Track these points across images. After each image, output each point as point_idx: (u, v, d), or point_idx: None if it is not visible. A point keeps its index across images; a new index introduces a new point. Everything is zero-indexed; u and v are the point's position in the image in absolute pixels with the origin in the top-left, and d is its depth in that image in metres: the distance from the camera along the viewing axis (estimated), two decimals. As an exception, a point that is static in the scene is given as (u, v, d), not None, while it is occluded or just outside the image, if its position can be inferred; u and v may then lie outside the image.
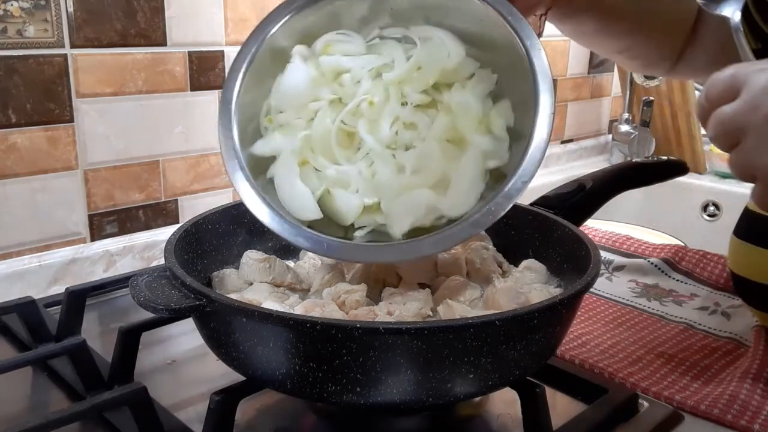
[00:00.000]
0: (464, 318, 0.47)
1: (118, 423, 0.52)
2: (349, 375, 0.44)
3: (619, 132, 1.49)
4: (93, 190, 0.82)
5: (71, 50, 0.77)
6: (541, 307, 0.46)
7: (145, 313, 0.48)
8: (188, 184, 0.91)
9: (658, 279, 0.83)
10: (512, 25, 0.52)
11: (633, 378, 0.60)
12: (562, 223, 0.61)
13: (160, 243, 0.85)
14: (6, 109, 0.74)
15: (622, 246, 0.90)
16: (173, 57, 0.86)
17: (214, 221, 0.62)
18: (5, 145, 0.75)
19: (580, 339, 0.67)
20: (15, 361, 0.57)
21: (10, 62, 0.73)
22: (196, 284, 0.47)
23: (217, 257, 0.62)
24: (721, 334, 0.70)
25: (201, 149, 0.91)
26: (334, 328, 0.42)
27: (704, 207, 1.40)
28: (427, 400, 0.45)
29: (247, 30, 0.91)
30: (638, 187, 0.79)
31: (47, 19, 0.75)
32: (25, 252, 0.78)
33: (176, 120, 0.88)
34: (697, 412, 0.56)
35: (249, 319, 0.45)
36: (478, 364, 0.45)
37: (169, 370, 0.63)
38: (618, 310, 0.75)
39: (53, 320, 0.67)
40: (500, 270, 0.63)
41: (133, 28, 0.82)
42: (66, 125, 0.79)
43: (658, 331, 0.70)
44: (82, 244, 0.82)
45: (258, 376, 0.48)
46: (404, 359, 0.43)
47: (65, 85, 0.78)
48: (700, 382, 0.61)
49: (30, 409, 0.57)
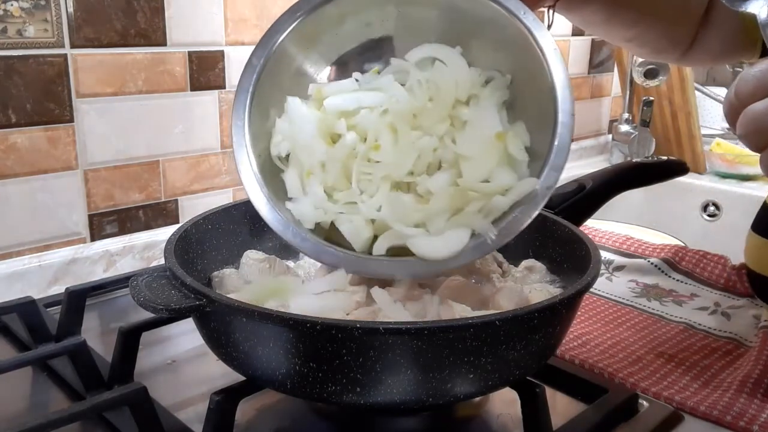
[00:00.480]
0: (464, 318, 0.47)
1: (118, 423, 0.52)
2: (349, 375, 0.44)
3: (619, 132, 1.49)
4: (93, 190, 0.82)
5: (71, 50, 0.77)
6: (541, 307, 0.46)
7: (145, 313, 0.48)
8: (188, 184, 0.91)
9: (658, 279, 0.83)
10: (524, 23, 0.51)
11: (633, 378, 0.60)
12: (562, 223, 0.61)
13: (160, 243, 0.85)
14: (6, 109, 0.74)
15: (622, 246, 0.90)
16: (173, 57, 0.86)
17: (214, 221, 0.62)
18: (5, 145, 0.75)
19: (580, 339, 0.67)
20: (15, 361, 0.57)
21: (10, 62, 0.73)
22: (196, 284, 0.47)
23: (217, 257, 0.62)
24: (721, 334, 0.70)
25: (201, 149, 0.91)
26: (334, 328, 0.42)
27: (704, 207, 1.40)
28: (427, 400, 0.45)
29: (247, 30, 0.91)
30: (638, 187, 0.79)
31: (47, 19, 0.75)
32: (25, 252, 0.78)
33: (176, 120, 0.88)
34: (697, 412, 0.56)
35: (249, 319, 0.45)
36: (478, 364, 0.45)
37: (169, 370, 0.63)
38: (618, 310, 0.75)
39: (53, 320, 0.67)
40: (500, 270, 0.63)
41: (133, 28, 0.82)
42: (66, 125, 0.79)
43: (658, 331, 0.70)
44: (82, 244, 0.82)
45: (258, 376, 0.48)
46: (404, 359, 0.43)
47: (65, 85, 0.78)
48: (700, 382, 0.60)
49: (30, 409, 0.57)
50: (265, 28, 0.57)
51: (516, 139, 0.52)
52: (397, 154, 0.53)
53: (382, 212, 0.52)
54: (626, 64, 1.49)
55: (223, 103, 0.92)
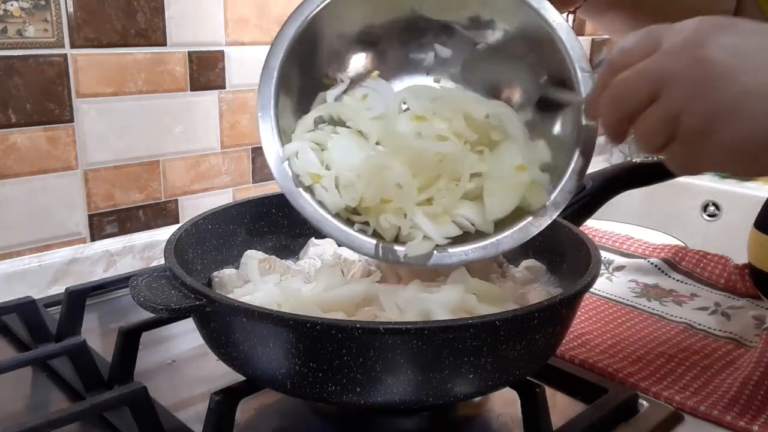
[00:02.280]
0: (464, 318, 0.47)
1: (118, 423, 0.52)
2: (349, 375, 0.44)
3: (619, 132, 1.49)
4: (93, 190, 0.82)
5: (71, 50, 0.77)
6: (541, 307, 0.46)
7: (145, 313, 0.48)
8: (188, 184, 0.91)
9: (658, 279, 0.83)
10: (547, 22, 0.53)
11: (633, 378, 0.60)
12: (562, 223, 0.61)
13: (160, 243, 0.85)
14: (6, 109, 0.74)
15: (622, 246, 0.90)
16: (173, 57, 0.86)
17: (214, 221, 0.62)
18: (5, 145, 0.75)
19: (580, 339, 0.67)
20: (15, 361, 0.57)
21: (10, 62, 0.73)
22: (196, 284, 0.47)
23: (217, 257, 0.62)
24: (721, 334, 0.70)
25: (201, 149, 0.91)
26: (334, 328, 0.42)
27: (704, 207, 1.40)
28: (427, 400, 0.45)
29: (247, 30, 0.91)
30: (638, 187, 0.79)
31: (47, 19, 0.75)
32: (25, 252, 0.78)
33: (176, 120, 0.88)
34: (697, 412, 0.56)
35: (249, 319, 0.45)
36: (478, 364, 0.45)
37: (169, 370, 0.63)
38: (618, 310, 0.75)
39: (53, 320, 0.67)
40: (500, 270, 0.63)
41: (133, 28, 0.82)
42: (66, 125, 0.79)
43: (658, 331, 0.70)
44: (82, 244, 0.82)
45: (258, 376, 0.48)
46: (404, 359, 0.43)
47: (65, 85, 0.78)
48: (700, 382, 0.60)
49: (30, 409, 0.57)
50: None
51: (536, 170, 0.52)
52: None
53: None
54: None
55: (223, 103, 0.92)
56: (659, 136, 0.41)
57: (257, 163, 0.97)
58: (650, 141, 0.42)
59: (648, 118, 0.41)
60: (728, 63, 0.39)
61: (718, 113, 0.39)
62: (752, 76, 0.39)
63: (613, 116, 0.43)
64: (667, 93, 0.40)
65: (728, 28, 0.41)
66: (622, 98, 0.42)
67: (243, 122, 0.94)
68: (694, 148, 0.41)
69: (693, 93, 0.40)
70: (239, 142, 0.95)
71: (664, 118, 0.41)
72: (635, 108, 0.42)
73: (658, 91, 0.41)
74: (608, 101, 0.43)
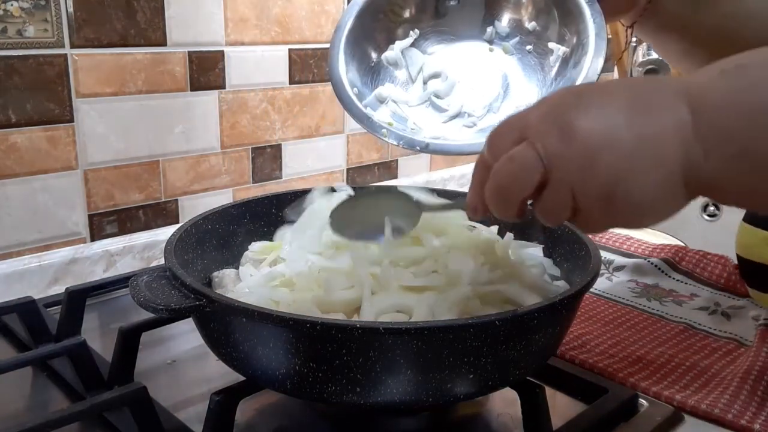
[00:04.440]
0: (464, 318, 0.47)
1: (118, 423, 0.52)
2: (349, 375, 0.44)
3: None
4: (93, 190, 0.82)
5: (71, 50, 0.77)
6: (541, 307, 0.46)
7: (145, 313, 0.48)
8: (188, 184, 0.91)
9: (658, 279, 0.83)
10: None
11: (633, 378, 0.60)
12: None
13: (160, 243, 0.85)
14: (6, 109, 0.74)
15: (622, 246, 0.90)
16: (173, 57, 0.86)
17: (214, 221, 0.62)
18: (5, 145, 0.75)
19: (580, 339, 0.67)
20: (15, 361, 0.57)
21: (10, 62, 0.73)
22: (196, 284, 0.47)
23: (217, 257, 0.62)
24: (721, 334, 0.70)
25: (201, 149, 0.91)
26: (334, 328, 0.42)
27: (704, 207, 1.40)
28: (427, 400, 0.45)
29: (247, 30, 0.91)
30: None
31: (47, 19, 0.75)
32: (25, 252, 0.78)
33: (176, 120, 0.88)
34: (698, 412, 0.56)
35: (249, 319, 0.45)
36: (478, 364, 0.45)
37: (169, 370, 0.63)
38: (618, 310, 0.75)
39: (53, 320, 0.67)
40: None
41: (133, 28, 0.82)
42: (66, 125, 0.79)
43: (658, 331, 0.70)
44: (82, 244, 0.82)
45: (258, 376, 0.48)
46: (404, 359, 0.43)
47: (65, 85, 0.78)
48: (700, 382, 0.60)
49: (30, 409, 0.57)
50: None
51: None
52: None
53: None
54: (626, 64, 1.49)
55: (223, 103, 0.92)
56: (563, 213, 0.41)
57: (257, 163, 0.97)
58: (556, 219, 0.42)
59: (547, 203, 0.41)
60: (593, 129, 0.38)
61: (610, 178, 0.38)
62: (617, 137, 0.38)
63: (504, 206, 0.42)
64: (554, 175, 0.39)
65: (579, 95, 0.40)
66: (509, 188, 0.41)
67: (243, 122, 0.94)
68: (598, 214, 0.40)
69: (577, 167, 0.39)
70: (239, 142, 0.95)
71: (563, 199, 0.40)
72: (526, 193, 0.41)
73: (547, 173, 0.40)
74: (494, 194, 0.42)
